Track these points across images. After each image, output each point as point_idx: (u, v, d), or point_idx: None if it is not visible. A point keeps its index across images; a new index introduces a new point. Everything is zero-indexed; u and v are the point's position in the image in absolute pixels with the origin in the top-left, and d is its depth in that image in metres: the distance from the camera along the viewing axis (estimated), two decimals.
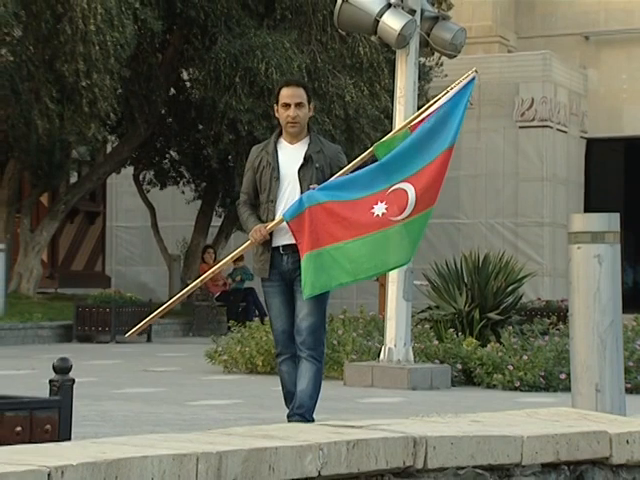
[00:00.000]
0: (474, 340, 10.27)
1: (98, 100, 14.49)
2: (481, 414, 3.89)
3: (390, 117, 10.94)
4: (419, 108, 10.95)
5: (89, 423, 5.76)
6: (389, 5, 9.21)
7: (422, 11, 9.59)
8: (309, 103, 5.83)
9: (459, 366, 9.80)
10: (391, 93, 11.40)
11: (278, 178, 5.73)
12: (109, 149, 19.01)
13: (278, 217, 5.68)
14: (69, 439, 3.91)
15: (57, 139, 15.77)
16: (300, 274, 5.55)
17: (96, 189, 21.29)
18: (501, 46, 22.28)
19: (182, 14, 16.35)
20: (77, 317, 14.75)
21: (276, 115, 5.88)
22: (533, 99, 20.26)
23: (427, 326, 10.96)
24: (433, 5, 14.02)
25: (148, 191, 19.64)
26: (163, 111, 18.05)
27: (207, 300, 17.32)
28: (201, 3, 16.08)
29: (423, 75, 16.57)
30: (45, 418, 3.91)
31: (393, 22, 9.17)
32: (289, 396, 5.81)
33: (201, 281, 6.16)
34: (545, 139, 20.39)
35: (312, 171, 5.72)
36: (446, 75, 18.56)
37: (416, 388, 9.05)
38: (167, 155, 19.05)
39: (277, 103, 5.84)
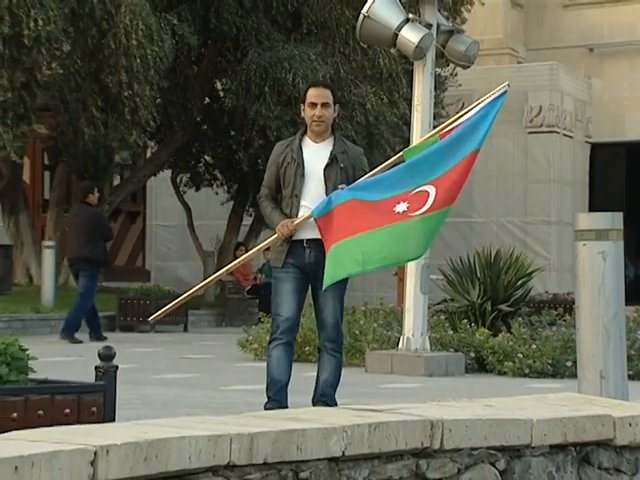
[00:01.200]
0: (486, 330, 10.23)
1: (139, 109, 14.53)
2: (493, 399, 3.87)
3: (408, 124, 10.90)
4: (434, 116, 10.94)
5: (131, 406, 5.77)
6: (407, 20, 9.18)
7: (438, 25, 9.56)
8: (334, 104, 5.62)
9: (472, 354, 9.76)
10: (409, 101, 11.37)
11: (303, 174, 5.52)
12: (149, 154, 19.06)
13: (302, 212, 5.48)
14: (113, 420, 3.93)
15: (102, 145, 15.84)
16: (321, 269, 5.33)
17: (137, 191, 21.39)
18: (511, 57, 22.17)
19: (216, 29, 16.38)
20: (120, 308, 14.81)
21: (302, 114, 5.67)
22: (541, 107, 20.16)
23: (442, 317, 10.92)
24: (448, 19, 13.97)
25: (184, 192, 19.68)
26: (198, 119, 18.07)
27: (239, 293, 17.34)
28: (233, 19, 16.09)
29: (439, 85, 16.51)
30: (91, 401, 3.93)
31: (411, 35, 9.14)
32: (273, 385, 5.50)
33: (227, 270, 5.94)
34: (552, 144, 20.28)
35: (337, 171, 5.53)
36: (460, 85, 18.50)
37: (432, 375, 9.02)
38: (202, 159, 19.08)
39: (303, 103, 5.64)
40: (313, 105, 5.55)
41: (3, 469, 2.22)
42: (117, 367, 4.12)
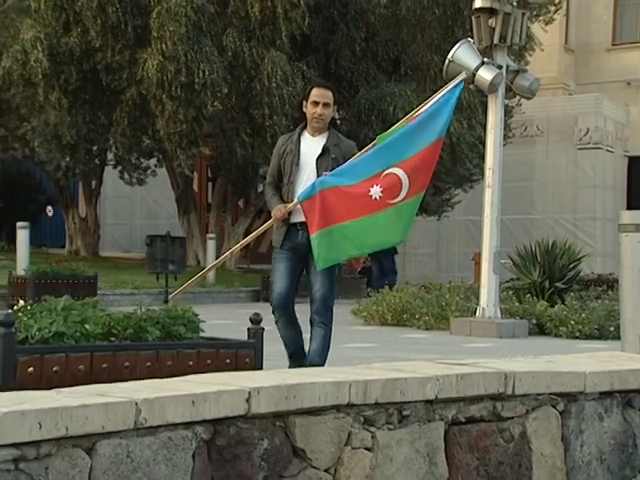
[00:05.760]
0: (545, 302, 9.98)
1: (277, 134, 14.68)
2: (553, 356, 3.76)
3: (483, 143, 10.69)
4: (504, 137, 10.67)
5: (273, 358, 5.82)
6: (483, 62, 9.01)
7: (507, 66, 9.36)
8: (334, 105, 4.84)
9: (534, 321, 9.55)
10: (484, 126, 11.13)
11: (298, 164, 4.77)
12: None
13: (297, 199, 4.78)
14: (261, 369, 3.97)
15: (250, 162, 16.08)
16: (311, 249, 4.66)
17: None
18: (564, 90, 21.54)
19: (335, 73, 16.41)
20: (263, 284, 14.94)
21: (304, 110, 4.85)
22: (588, 128, 19.54)
23: (510, 292, 10.70)
24: (515, 62, 13.64)
25: None
26: None
27: (351, 273, 17.34)
28: (348, 65, 16.13)
29: (507, 112, 16.15)
30: (245, 354, 3.99)
31: (486, 74, 8.97)
32: (294, 355, 4.91)
33: (231, 252, 5.40)
34: (597, 157, 19.64)
35: (328, 161, 4.75)
36: (524, 112, 18.05)
37: (502, 337, 8.86)
38: None
39: (306, 100, 4.84)
40: (315, 104, 4.76)
41: (183, 402, 2.27)
42: (263, 329, 4.16)
